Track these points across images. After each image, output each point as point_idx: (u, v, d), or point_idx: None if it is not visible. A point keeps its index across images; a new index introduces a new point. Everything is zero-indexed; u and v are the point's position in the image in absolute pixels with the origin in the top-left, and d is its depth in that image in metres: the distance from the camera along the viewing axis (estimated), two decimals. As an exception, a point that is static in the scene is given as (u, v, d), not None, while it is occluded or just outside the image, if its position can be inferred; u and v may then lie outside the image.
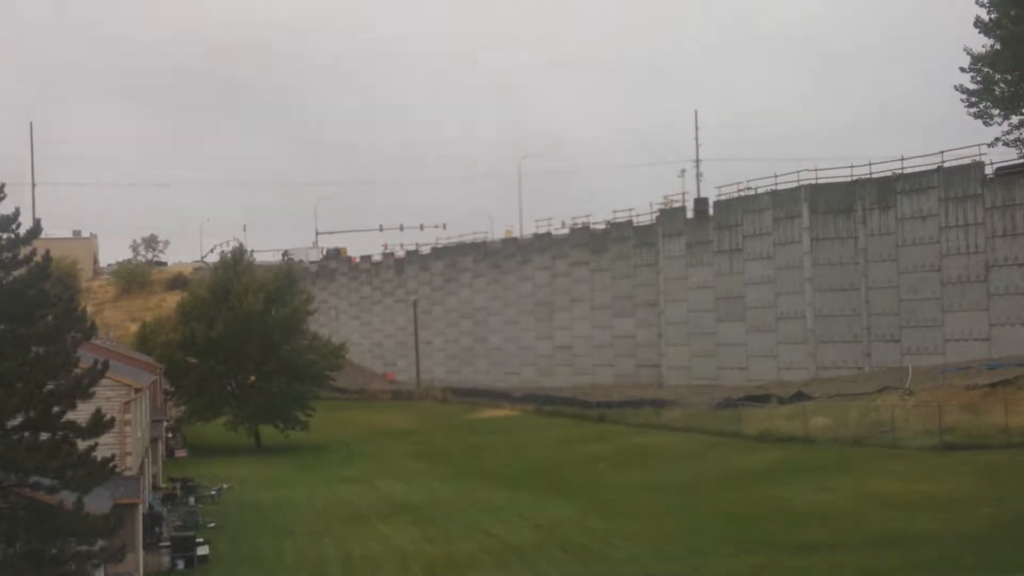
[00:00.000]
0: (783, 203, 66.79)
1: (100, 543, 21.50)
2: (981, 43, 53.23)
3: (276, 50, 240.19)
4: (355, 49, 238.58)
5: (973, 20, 52.18)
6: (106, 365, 22.99)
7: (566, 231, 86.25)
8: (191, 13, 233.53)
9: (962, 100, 54.36)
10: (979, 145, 58.11)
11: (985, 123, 54.16)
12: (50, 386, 21.27)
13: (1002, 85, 52.20)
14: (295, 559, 33.78)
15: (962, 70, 54.39)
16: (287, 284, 71.69)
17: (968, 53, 53.67)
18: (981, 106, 53.05)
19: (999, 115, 52.87)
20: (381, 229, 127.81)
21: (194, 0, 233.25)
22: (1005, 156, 57.87)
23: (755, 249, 68.33)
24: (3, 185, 22.06)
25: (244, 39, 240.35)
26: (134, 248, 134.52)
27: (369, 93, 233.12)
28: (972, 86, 53.31)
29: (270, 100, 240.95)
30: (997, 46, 51.58)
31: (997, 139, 54.87)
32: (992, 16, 51.64)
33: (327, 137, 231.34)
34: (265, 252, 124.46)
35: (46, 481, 20.89)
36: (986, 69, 52.58)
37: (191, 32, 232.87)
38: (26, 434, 21.07)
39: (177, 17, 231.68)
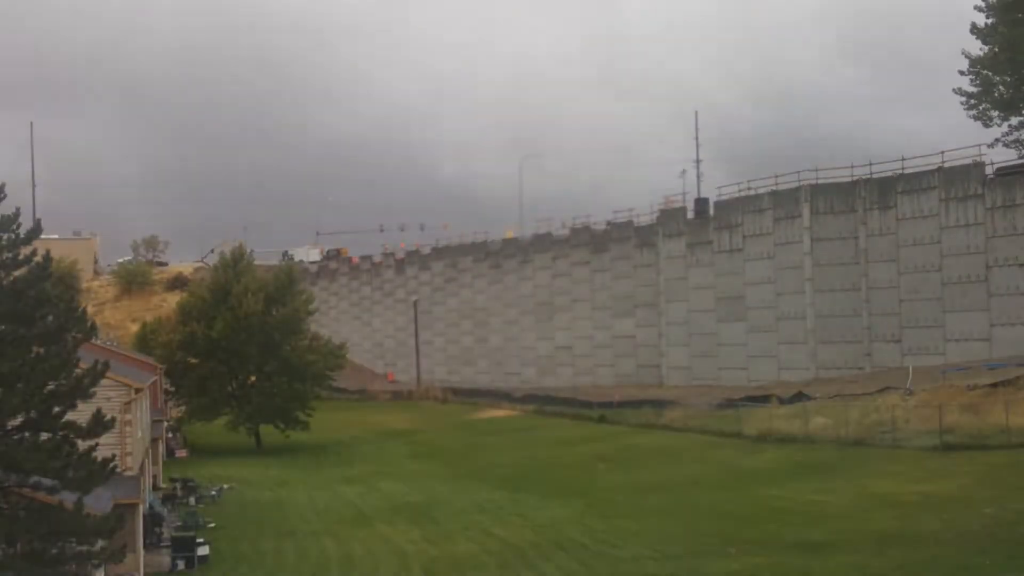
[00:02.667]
0: (783, 203, 66.80)
1: (100, 543, 21.51)
2: (979, 47, 53.49)
3: (275, 50, 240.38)
4: (354, 46, 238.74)
5: (969, 27, 52.42)
6: (106, 365, 23.00)
7: (566, 231, 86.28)
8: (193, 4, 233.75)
9: (961, 103, 54.52)
10: (979, 145, 58.27)
11: (985, 124, 54.36)
12: (51, 386, 21.28)
13: (1001, 88, 52.39)
14: (295, 559, 33.77)
15: (961, 73, 54.52)
16: (287, 284, 71.70)
17: (966, 56, 53.80)
18: (980, 108, 53.22)
19: (998, 117, 53.07)
20: (381, 229, 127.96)
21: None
22: (1005, 156, 57.99)
23: (755, 249, 68.34)
24: (3, 185, 22.09)
25: (243, 37, 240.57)
26: (134, 248, 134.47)
27: (369, 91, 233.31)
28: (971, 88, 53.48)
29: (270, 100, 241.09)
30: (995, 49, 51.77)
31: (997, 140, 55.01)
32: (988, 21, 51.84)
33: (328, 136, 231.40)
34: (265, 252, 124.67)
35: (47, 481, 20.91)
36: (984, 72, 52.76)
37: (190, 30, 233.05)
38: (27, 434, 21.09)
39: (176, 13, 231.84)
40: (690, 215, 75.12)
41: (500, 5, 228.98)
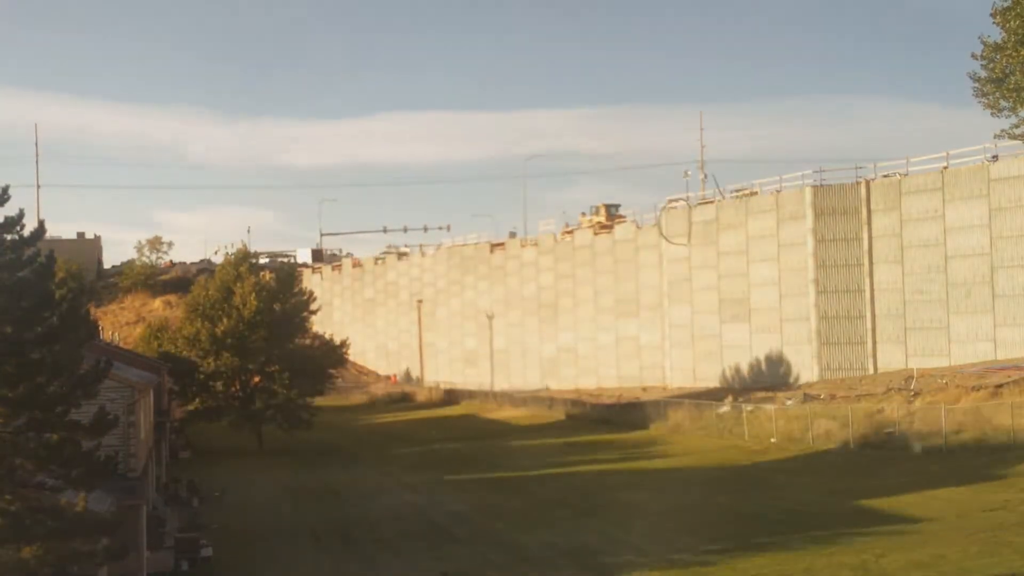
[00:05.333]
0: (787, 204, 66.68)
1: (103, 543, 21.49)
2: (999, 32, 53.47)
3: (276, 52, 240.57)
4: (354, 45, 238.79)
5: (990, 10, 52.41)
6: (109, 364, 23.02)
7: (571, 232, 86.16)
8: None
9: (973, 89, 54.37)
10: (984, 146, 58.13)
11: (993, 114, 54.25)
12: (54, 386, 21.29)
13: (1012, 76, 52.19)
14: (298, 561, 33.77)
15: (973, 56, 54.43)
16: (289, 284, 71.82)
17: (983, 42, 53.79)
18: (991, 97, 53.05)
19: (1008, 107, 52.96)
20: (385, 231, 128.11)
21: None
22: (1010, 149, 57.66)
23: (759, 250, 68.19)
24: (7, 187, 22.11)
25: (246, 40, 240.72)
26: (138, 249, 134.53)
27: (370, 91, 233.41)
28: (984, 74, 53.38)
29: (271, 101, 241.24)
30: (1008, 37, 51.68)
31: (1004, 131, 54.83)
32: (1006, 3, 51.76)
33: (330, 136, 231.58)
34: (269, 253, 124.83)
35: (50, 481, 20.91)
36: (997, 57, 52.66)
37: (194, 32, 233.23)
38: (30, 434, 21.09)
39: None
40: (694, 216, 74.95)
41: None
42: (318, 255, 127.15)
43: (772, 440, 50.43)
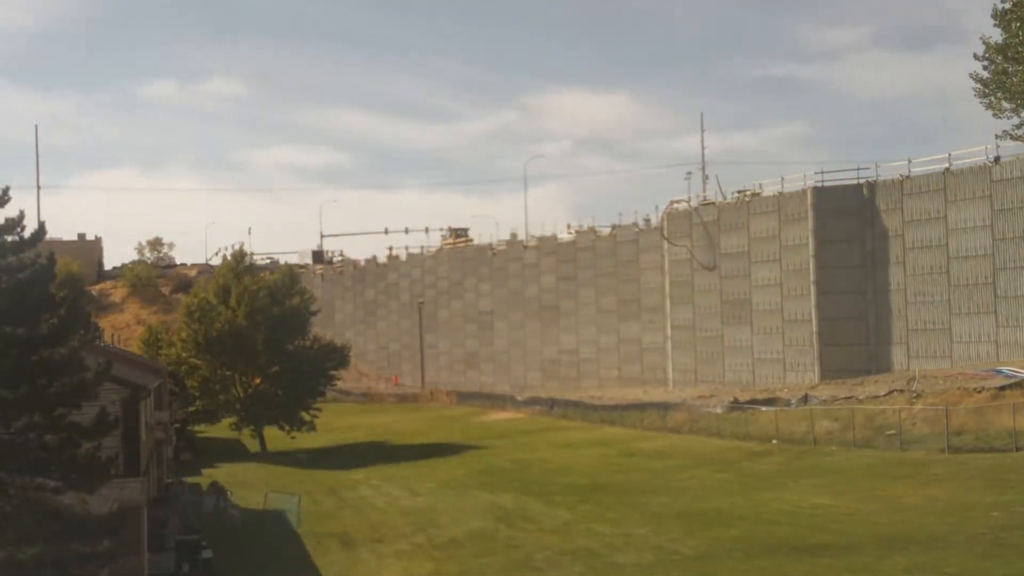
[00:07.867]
0: (789, 205, 66.60)
1: (104, 544, 21.44)
2: (1000, 33, 53.49)
3: (280, 57, 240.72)
4: (355, 45, 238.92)
5: (991, 11, 52.43)
6: (110, 366, 22.98)
7: (572, 234, 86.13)
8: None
9: (974, 89, 54.39)
10: (986, 147, 58.08)
11: (995, 115, 54.27)
12: (54, 388, 21.24)
13: (1014, 78, 52.20)
14: (300, 564, 33.70)
15: (976, 57, 54.47)
16: (290, 285, 71.85)
17: (984, 42, 53.82)
18: (993, 98, 53.08)
19: (1010, 109, 52.96)
20: (386, 232, 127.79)
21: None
22: (1013, 150, 57.62)
23: (761, 252, 68.12)
24: (7, 188, 22.07)
25: (245, 41, 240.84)
26: (139, 251, 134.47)
27: (372, 92, 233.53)
28: (986, 75, 53.41)
29: (273, 103, 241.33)
30: (1009, 38, 51.72)
31: (1005, 132, 54.85)
32: (1005, 6, 51.77)
33: (332, 139, 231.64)
34: (269, 255, 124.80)
35: (51, 482, 20.86)
36: (998, 59, 52.70)
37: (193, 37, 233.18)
38: (31, 435, 21.05)
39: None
40: (695, 218, 74.87)
41: None
42: (319, 256, 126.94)
43: (773, 442, 50.35)
